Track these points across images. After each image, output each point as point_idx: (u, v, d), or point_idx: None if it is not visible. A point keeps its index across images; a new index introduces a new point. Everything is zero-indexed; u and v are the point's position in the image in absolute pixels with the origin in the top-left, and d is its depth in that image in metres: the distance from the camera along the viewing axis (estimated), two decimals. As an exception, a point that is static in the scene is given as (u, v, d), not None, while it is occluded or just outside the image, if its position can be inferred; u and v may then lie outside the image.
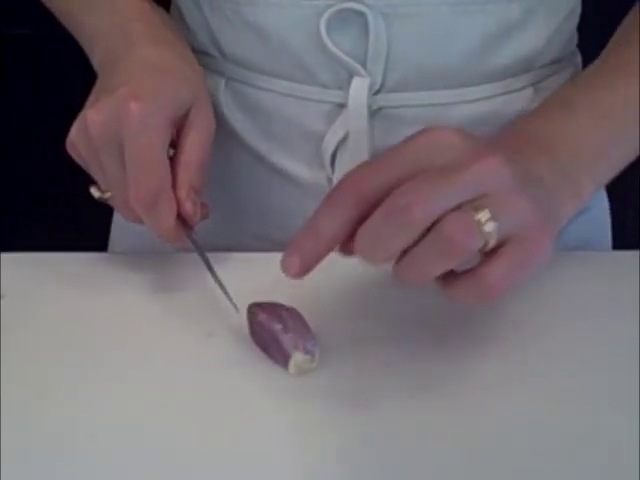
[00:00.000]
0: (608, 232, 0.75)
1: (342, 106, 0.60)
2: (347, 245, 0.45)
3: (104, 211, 0.76)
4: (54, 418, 0.47)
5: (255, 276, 0.52)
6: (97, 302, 0.56)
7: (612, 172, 0.53)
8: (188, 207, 0.55)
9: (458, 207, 0.42)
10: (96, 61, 0.60)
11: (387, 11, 0.56)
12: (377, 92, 0.59)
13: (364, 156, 0.60)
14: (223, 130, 0.65)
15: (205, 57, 0.64)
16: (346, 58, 0.57)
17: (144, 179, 0.53)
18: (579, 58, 0.69)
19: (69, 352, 0.52)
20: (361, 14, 0.56)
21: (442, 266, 0.43)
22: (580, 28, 0.66)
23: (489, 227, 0.42)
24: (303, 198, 0.65)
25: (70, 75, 1.40)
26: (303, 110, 0.61)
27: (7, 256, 0.59)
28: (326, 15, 0.56)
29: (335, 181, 0.62)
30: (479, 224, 0.42)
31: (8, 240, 0.71)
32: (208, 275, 0.55)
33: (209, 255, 0.56)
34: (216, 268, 0.55)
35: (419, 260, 0.43)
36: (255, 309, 0.51)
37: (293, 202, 0.65)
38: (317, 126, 0.61)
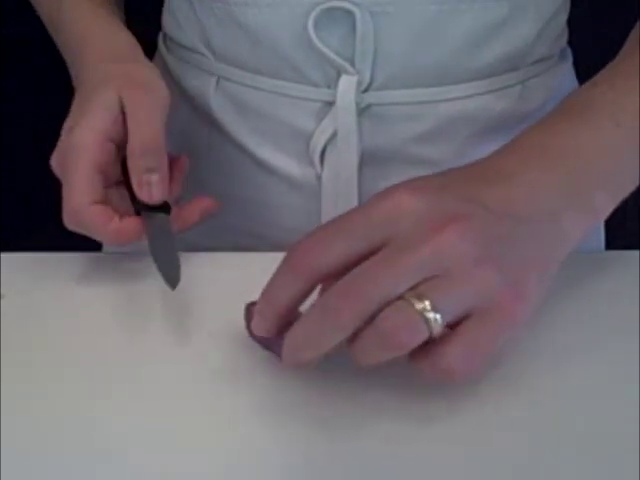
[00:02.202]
0: (600, 233, 0.74)
1: (331, 104, 0.60)
2: None
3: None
4: (54, 418, 0.47)
5: (253, 275, 0.52)
6: (97, 302, 0.56)
7: (633, 183, 0.49)
8: (144, 193, 0.55)
9: (400, 297, 0.40)
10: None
11: (375, 9, 0.56)
12: (365, 90, 0.60)
13: (353, 153, 0.61)
14: (213, 128, 0.65)
15: (197, 56, 0.64)
16: (334, 56, 0.58)
17: (66, 197, 0.55)
18: (570, 55, 0.69)
19: (69, 352, 0.52)
20: (349, 12, 0.56)
21: (386, 357, 0.41)
22: (571, 24, 0.66)
23: (431, 316, 0.40)
24: (292, 195, 0.65)
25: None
26: (292, 108, 0.61)
27: (7, 256, 0.59)
28: (314, 13, 0.57)
29: (324, 179, 0.62)
30: (422, 314, 0.40)
31: (8, 240, 0.71)
32: (208, 274, 0.56)
33: (208, 255, 0.56)
34: (215, 267, 0.55)
35: (361, 351, 0.41)
36: (252, 309, 0.51)
37: (282, 199, 0.66)
38: (306, 124, 0.62)
